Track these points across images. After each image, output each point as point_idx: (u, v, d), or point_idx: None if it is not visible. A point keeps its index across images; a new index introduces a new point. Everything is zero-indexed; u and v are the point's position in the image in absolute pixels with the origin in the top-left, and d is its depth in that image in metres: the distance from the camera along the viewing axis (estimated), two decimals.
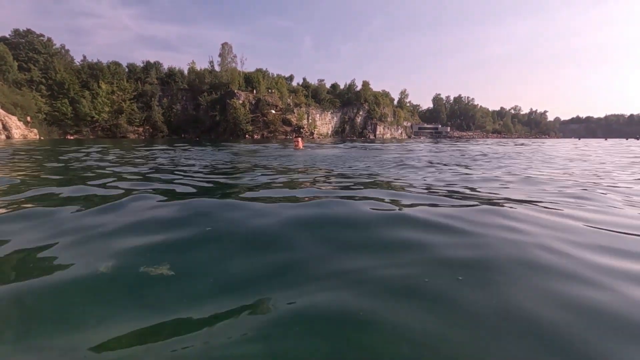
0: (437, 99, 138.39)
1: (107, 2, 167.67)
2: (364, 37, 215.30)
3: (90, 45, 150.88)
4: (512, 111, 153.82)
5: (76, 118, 60.80)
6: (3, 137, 44.09)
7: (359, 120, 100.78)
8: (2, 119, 44.76)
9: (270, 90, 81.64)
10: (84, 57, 69.60)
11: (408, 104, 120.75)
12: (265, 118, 77.85)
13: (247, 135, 73.29)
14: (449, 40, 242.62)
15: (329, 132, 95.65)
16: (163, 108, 71.69)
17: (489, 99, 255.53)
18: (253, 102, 77.39)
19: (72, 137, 58.66)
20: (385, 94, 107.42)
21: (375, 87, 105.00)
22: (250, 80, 78.52)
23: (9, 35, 58.02)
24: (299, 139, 15.30)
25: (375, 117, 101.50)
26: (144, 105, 69.36)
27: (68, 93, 59.42)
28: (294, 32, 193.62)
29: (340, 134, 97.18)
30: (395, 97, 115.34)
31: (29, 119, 50.90)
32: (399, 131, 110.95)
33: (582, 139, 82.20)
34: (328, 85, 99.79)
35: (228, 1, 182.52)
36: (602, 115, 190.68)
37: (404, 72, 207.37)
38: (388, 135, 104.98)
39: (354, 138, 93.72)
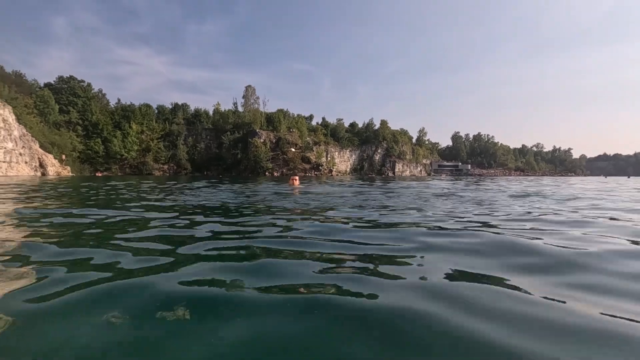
0: (456, 137, 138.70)
1: (143, 52, 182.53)
2: (381, 79, 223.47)
3: (125, 89, 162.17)
4: (535, 149, 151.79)
5: (107, 156, 63.48)
6: (39, 174, 46.05)
7: (377, 158, 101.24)
8: (40, 157, 47.06)
9: (290, 130, 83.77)
10: (119, 100, 74.34)
11: (427, 142, 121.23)
12: (285, 156, 79.22)
13: (267, 173, 74.29)
14: (466, 80, 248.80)
15: (348, 170, 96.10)
16: (188, 147, 74.24)
17: (510, 137, 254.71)
18: (274, 140, 79.33)
19: (100, 174, 60.80)
20: (404, 132, 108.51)
21: (394, 125, 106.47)
22: (271, 120, 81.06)
23: (54, 81, 62.83)
24: (296, 177, 15.29)
25: (394, 154, 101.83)
26: (170, 144, 72.10)
27: (101, 133, 62.66)
28: (313, 75, 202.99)
29: (359, 171, 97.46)
30: (414, 135, 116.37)
31: (63, 157, 53.34)
32: (418, 169, 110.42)
33: (608, 177, 79.39)
34: (347, 124, 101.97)
35: (252, 49, 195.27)
36: (631, 153, 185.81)
37: (422, 110, 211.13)
38: (407, 173, 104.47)
39: (373, 175, 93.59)
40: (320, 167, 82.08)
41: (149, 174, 66.37)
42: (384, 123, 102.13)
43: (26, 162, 44.59)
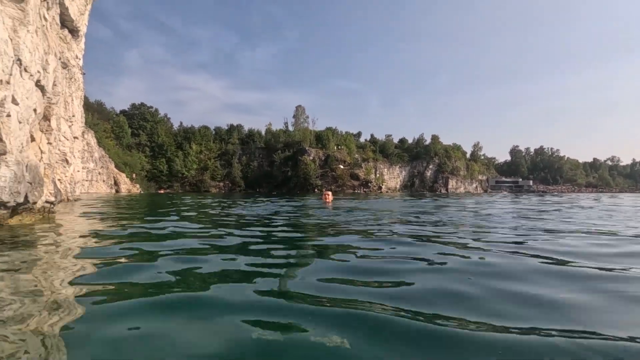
0: (515, 151, 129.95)
1: (202, 78, 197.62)
2: (431, 93, 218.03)
3: (187, 113, 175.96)
4: (609, 162, 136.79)
5: (170, 174, 68.50)
6: (113, 191, 50.79)
7: (429, 174, 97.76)
8: (115, 176, 52.01)
9: (339, 147, 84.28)
10: (181, 123, 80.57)
11: (482, 157, 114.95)
12: (334, 173, 79.54)
13: (315, 190, 74.91)
14: (523, 91, 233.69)
15: (398, 186, 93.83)
16: (242, 165, 77.70)
17: (578, 150, 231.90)
18: (323, 158, 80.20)
19: (162, 192, 65.63)
20: (457, 147, 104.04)
21: (446, 140, 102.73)
22: (320, 138, 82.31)
23: (127, 108, 70.05)
24: (328, 193, 14.75)
25: (447, 170, 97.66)
26: (225, 162, 76.05)
27: (166, 153, 67.99)
28: (361, 92, 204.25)
29: (410, 188, 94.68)
30: (468, 150, 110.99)
31: (134, 175, 58.42)
32: (474, 185, 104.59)
33: None
34: (396, 140, 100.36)
35: (301, 70, 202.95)
36: None
37: (475, 124, 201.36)
38: (462, 190, 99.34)
39: (424, 192, 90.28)
40: (369, 184, 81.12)
41: (206, 191, 70.28)
42: (435, 138, 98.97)
43: (104, 181, 49.47)
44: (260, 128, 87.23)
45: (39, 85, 5.75)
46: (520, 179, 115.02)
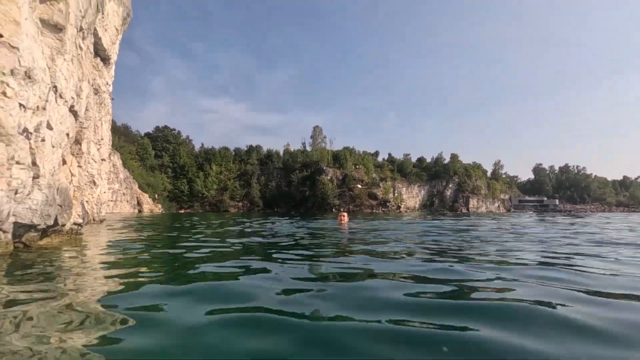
0: (538, 169, 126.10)
1: (222, 101, 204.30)
2: (449, 111, 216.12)
3: (208, 134, 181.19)
4: None
5: (190, 194, 69.86)
6: (136, 211, 52.05)
7: (449, 193, 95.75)
8: (138, 196, 53.44)
9: (356, 166, 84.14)
10: (202, 144, 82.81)
11: (504, 175, 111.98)
12: (351, 192, 79.12)
13: (333, 209, 74.45)
14: (545, 108, 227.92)
15: (417, 206, 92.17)
16: (260, 185, 78.49)
17: (606, 168, 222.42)
18: (340, 177, 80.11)
19: (183, 211, 66.73)
20: (477, 166, 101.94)
21: (465, 158, 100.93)
22: (338, 158, 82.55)
23: (152, 131, 72.76)
24: (344, 214, 13.96)
25: (467, 189, 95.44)
26: (244, 182, 77.06)
27: (187, 174, 69.63)
28: (378, 111, 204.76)
29: (429, 207, 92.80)
30: (488, 168, 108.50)
31: (156, 196, 59.87)
32: (496, 204, 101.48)
33: None
34: (414, 159, 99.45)
35: (318, 90, 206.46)
36: None
37: (496, 142, 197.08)
38: (483, 209, 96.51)
39: (444, 211, 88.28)
40: (388, 204, 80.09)
41: (225, 210, 71.02)
42: (454, 157, 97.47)
43: (127, 201, 50.87)
44: (279, 148, 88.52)
45: (72, 110, 5.94)
46: (545, 198, 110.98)
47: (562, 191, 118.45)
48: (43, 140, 4.68)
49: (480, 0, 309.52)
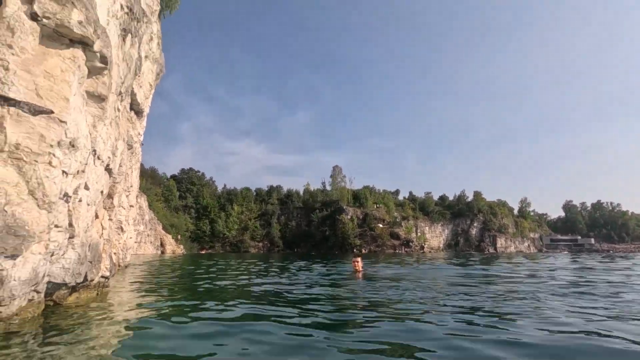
0: (569, 207, 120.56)
1: (244, 143, 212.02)
2: (469, 147, 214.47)
3: (229, 175, 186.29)
4: None
5: (212, 235, 70.52)
6: (159, 252, 52.73)
7: (474, 232, 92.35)
8: (162, 237, 54.39)
9: (377, 205, 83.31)
10: (225, 185, 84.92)
11: (532, 213, 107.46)
12: (372, 232, 77.69)
13: (355, 249, 72.93)
14: (572, 142, 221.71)
15: (441, 245, 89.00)
16: (280, 225, 78.54)
17: None
18: (361, 217, 79.24)
19: (203, 252, 67.03)
20: (502, 204, 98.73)
21: (489, 196, 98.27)
22: (358, 197, 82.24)
23: (177, 173, 75.62)
24: (357, 259, 12.37)
25: (493, 228, 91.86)
26: (265, 222, 77.39)
27: (209, 215, 70.85)
28: (397, 150, 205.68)
29: (454, 247, 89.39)
30: (514, 206, 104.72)
31: (179, 237, 60.74)
32: (525, 244, 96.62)
33: None
34: (436, 197, 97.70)
35: (337, 131, 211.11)
36: None
37: (521, 179, 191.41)
38: (512, 249, 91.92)
39: (470, 251, 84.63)
40: (411, 244, 77.85)
41: (245, 251, 70.85)
42: (477, 194, 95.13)
43: (151, 242, 51.78)
44: (299, 188, 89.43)
45: (107, 169, 6.30)
46: (579, 237, 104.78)
47: (597, 229, 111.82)
48: (80, 200, 4.94)
49: (499, 35, 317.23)
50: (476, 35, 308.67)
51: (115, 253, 9.32)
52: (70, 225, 4.66)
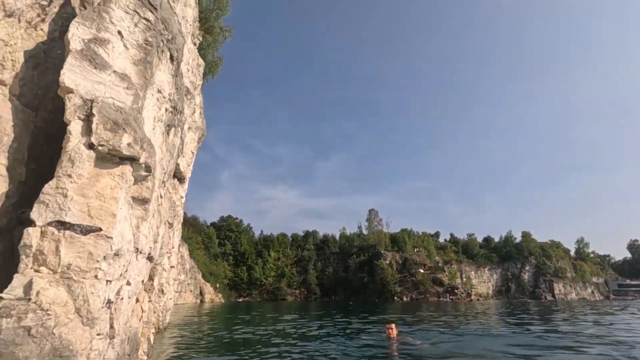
0: (635, 246, 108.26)
1: (280, 188, 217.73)
2: (513, 186, 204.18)
3: (266, 221, 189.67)
4: None
5: (249, 282, 70.58)
6: (198, 300, 53.29)
7: (526, 277, 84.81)
8: (201, 285, 55.24)
9: (416, 249, 79.98)
10: (262, 231, 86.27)
11: (592, 255, 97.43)
12: (413, 278, 73.95)
13: (395, 297, 69.35)
14: (631, 176, 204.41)
15: (490, 292, 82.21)
16: (317, 271, 77.26)
17: None
18: (400, 262, 76.16)
19: (241, 300, 66.79)
20: (556, 245, 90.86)
21: (540, 237, 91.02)
22: (396, 241, 79.72)
23: (217, 221, 78.35)
24: (392, 325, 10.94)
25: (548, 272, 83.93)
26: (301, 269, 76.55)
27: (247, 261, 71.55)
28: (435, 191, 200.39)
29: (505, 293, 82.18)
30: (570, 247, 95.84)
31: (217, 285, 61.38)
32: (588, 290, 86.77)
33: None
34: (480, 239, 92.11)
35: (372, 175, 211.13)
36: None
37: (575, 217, 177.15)
38: (573, 296, 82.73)
39: (524, 298, 77.26)
40: (456, 290, 72.80)
41: (282, 299, 69.71)
42: (526, 235, 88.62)
43: (191, 291, 52.65)
44: (335, 232, 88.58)
45: (149, 257, 6.67)
46: None
47: None
48: (122, 299, 5.22)
49: (539, 65, 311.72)
50: (515, 67, 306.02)
51: (154, 312, 9.54)
52: (111, 327, 4.90)
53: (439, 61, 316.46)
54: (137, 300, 7.07)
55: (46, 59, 5.33)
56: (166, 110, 7.01)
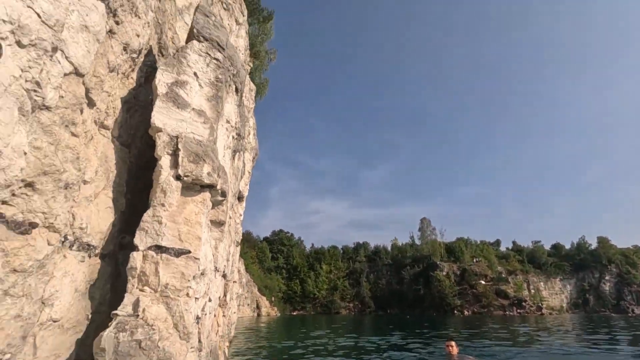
0: None
1: (328, 201, 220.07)
2: (582, 187, 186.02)
3: (315, 234, 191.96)
4: None
5: (302, 295, 71.33)
6: (255, 314, 54.85)
7: (607, 288, 75.78)
8: (257, 299, 56.91)
9: (475, 259, 75.44)
10: (312, 244, 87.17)
11: None
12: (474, 290, 69.57)
13: (455, 311, 65.57)
14: None
15: (564, 305, 74.58)
16: (370, 283, 75.94)
17: None
18: (458, 272, 72.23)
19: (295, 313, 67.47)
20: None
21: (619, 242, 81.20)
22: (452, 250, 75.97)
23: (269, 235, 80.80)
24: (451, 343, 9.70)
25: (634, 282, 74.26)
26: (354, 281, 75.76)
27: (299, 275, 72.57)
28: (492, 196, 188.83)
29: (582, 306, 73.97)
30: None
31: (273, 298, 62.81)
32: None
33: None
34: (547, 247, 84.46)
35: (422, 183, 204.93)
36: None
37: None
38: None
39: (606, 312, 68.91)
40: (524, 303, 67.09)
41: (336, 312, 69.28)
42: (603, 241, 79.55)
43: (248, 304, 54.42)
44: (386, 243, 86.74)
45: (223, 275, 7.18)
46: None
47: None
48: (205, 314, 5.69)
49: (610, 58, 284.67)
50: (579, 63, 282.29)
51: (227, 345, 10.13)
52: (199, 341, 5.35)
53: (494, 62, 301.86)
54: (214, 315, 7.61)
55: (135, 103, 6.12)
56: (233, 137, 7.60)
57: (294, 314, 67.08)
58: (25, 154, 3.17)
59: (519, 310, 65.27)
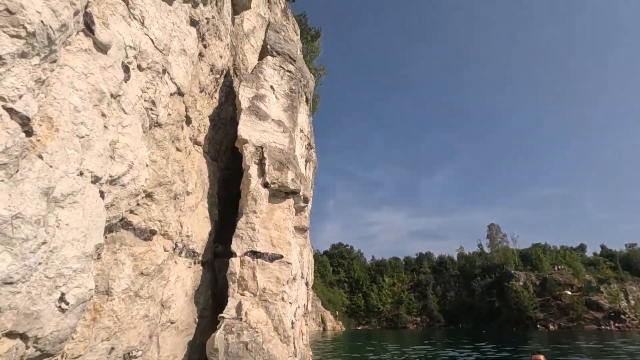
0: None
1: (385, 211, 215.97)
2: None
3: (375, 246, 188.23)
4: None
5: (366, 309, 69.70)
6: (321, 329, 54.70)
7: None
8: (322, 313, 56.83)
9: (557, 267, 67.89)
10: (373, 257, 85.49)
11: None
12: (559, 302, 62.29)
13: (538, 325, 59.03)
14: None
15: None
16: (437, 296, 71.91)
17: None
18: (537, 282, 65.41)
19: (360, 327, 65.92)
20: None
21: None
22: (528, 258, 69.30)
23: (329, 249, 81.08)
24: (540, 356, 8.16)
25: None
26: (419, 294, 72.30)
27: (361, 288, 71.25)
28: (571, 197, 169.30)
29: None
30: None
31: (337, 312, 62.30)
32: None
33: None
34: None
35: (486, 186, 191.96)
36: None
37: None
38: None
39: None
40: (623, 316, 58.39)
41: (403, 327, 66.43)
42: None
43: (313, 319, 54.52)
44: (451, 253, 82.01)
45: (306, 282, 7.23)
46: None
47: None
48: (297, 320, 5.73)
49: None
50: None
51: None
52: (294, 347, 5.38)
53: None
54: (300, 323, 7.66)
55: (219, 120, 6.56)
56: (305, 147, 7.77)
57: (359, 328, 65.67)
58: (147, 166, 3.52)
59: (617, 324, 56.85)
